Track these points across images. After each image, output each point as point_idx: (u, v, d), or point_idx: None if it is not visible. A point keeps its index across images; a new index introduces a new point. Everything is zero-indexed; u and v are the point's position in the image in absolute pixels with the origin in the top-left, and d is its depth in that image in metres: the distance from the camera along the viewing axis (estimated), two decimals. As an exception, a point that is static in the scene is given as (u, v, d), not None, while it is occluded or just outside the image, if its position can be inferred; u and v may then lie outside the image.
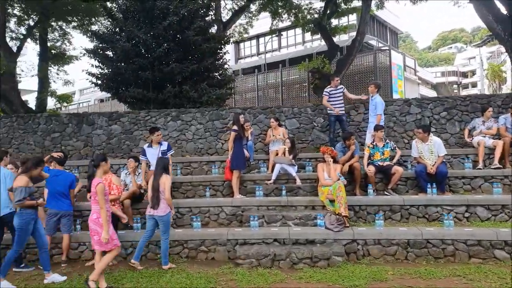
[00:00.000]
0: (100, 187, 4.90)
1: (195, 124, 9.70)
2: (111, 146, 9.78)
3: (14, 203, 5.21)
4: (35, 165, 5.50)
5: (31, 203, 5.32)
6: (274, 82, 25.06)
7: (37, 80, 17.74)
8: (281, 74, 24.44)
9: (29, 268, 6.08)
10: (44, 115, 10.20)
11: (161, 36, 11.61)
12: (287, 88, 24.38)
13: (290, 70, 24.47)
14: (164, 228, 5.81)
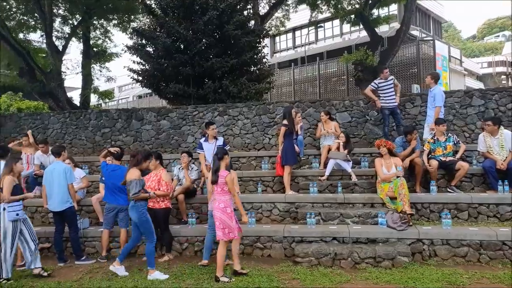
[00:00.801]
0: (229, 177, 5.15)
1: (242, 119, 9.59)
2: (160, 141, 9.85)
3: (131, 196, 5.25)
4: (145, 158, 5.59)
5: (145, 195, 5.39)
6: (311, 76, 24.64)
7: (81, 78, 18.25)
8: (318, 67, 23.97)
9: (91, 261, 6.17)
10: (94, 111, 10.43)
11: (200, 31, 11.60)
12: (325, 82, 23.89)
13: (328, 63, 23.97)
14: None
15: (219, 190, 5.21)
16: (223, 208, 5.15)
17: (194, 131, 9.71)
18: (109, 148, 6.60)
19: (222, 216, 5.12)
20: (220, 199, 5.20)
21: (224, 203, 5.17)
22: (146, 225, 5.40)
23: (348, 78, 21.79)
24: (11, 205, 5.30)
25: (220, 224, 5.11)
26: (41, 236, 6.69)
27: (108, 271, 5.62)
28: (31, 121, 10.34)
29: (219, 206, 5.18)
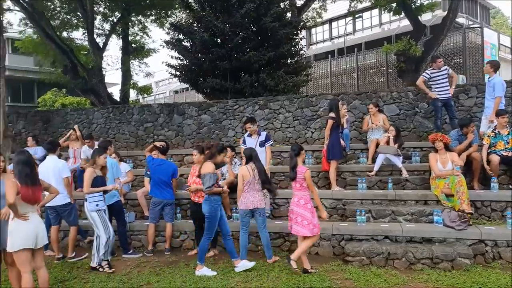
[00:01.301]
0: (308, 173, 5.08)
1: (283, 112, 9.38)
2: (201, 136, 9.82)
3: (204, 189, 5.21)
4: (219, 152, 5.51)
5: (218, 190, 5.32)
6: (348, 68, 23.98)
7: (120, 74, 18.63)
8: (356, 58, 23.27)
9: (137, 255, 6.20)
10: (137, 106, 10.55)
11: (238, 25, 11.47)
12: (363, 73, 23.19)
13: (366, 54, 23.22)
14: (262, 220, 5.55)
15: (298, 186, 5.14)
16: (304, 205, 5.08)
17: (235, 125, 9.60)
18: (155, 143, 6.60)
19: (304, 212, 5.06)
20: (300, 195, 5.14)
21: (304, 199, 5.10)
22: (213, 221, 5.28)
23: (387, 70, 21.02)
24: (91, 196, 5.39)
25: (303, 220, 5.04)
26: (88, 229, 6.82)
27: (156, 265, 5.63)
28: (77, 116, 10.60)
29: (299, 202, 5.11)
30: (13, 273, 4.30)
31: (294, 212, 5.13)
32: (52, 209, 5.99)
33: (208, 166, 5.27)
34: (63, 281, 5.07)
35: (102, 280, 5.04)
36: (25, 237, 3.90)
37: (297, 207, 5.12)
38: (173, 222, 6.45)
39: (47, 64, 19.79)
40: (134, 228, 6.74)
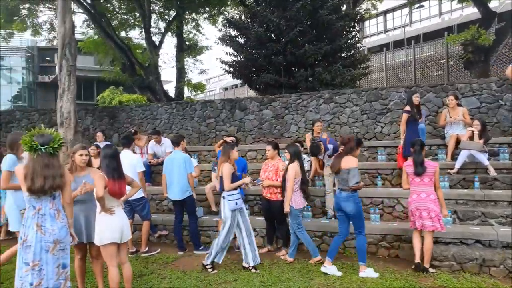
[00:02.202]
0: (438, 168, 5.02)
1: (350, 106, 8.96)
2: (263, 131, 9.65)
3: (350, 185, 4.88)
4: (357, 145, 5.35)
5: (360, 185, 5.02)
6: (404, 61, 22.85)
7: (175, 71, 18.94)
8: (413, 51, 22.11)
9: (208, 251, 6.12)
10: (200, 102, 10.57)
11: (293, 19, 11.29)
12: (420, 67, 22.00)
13: (425, 46, 21.98)
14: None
15: (428, 181, 4.97)
16: (435, 200, 4.92)
17: (298, 120, 9.33)
18: (225, 138, 6.49)
19: (435, 208, 4.88)
20: (429, 190, 4.97)
21: (433, 194, 4.95)
22: (361, 217, 5.01)
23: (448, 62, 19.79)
24: (231, 193, 5.07)
25: (436, 215, 4.87)
26: (158, 223, 6.87)
27: (230, 263, 5.51)
28: (141, 112, 10.82)
29: (430, 197, 4.93)
30: (97, 266, 4.33)
31: (430, 209, 4.88)
32: (127, 203, 6.05)
33: (352, 160, 5.00)
34: (140, 276, 5.07)
35: (179, 277, 4.98)
36: (112, 231, 3.88)
37: (431, 203, 4.89)
38: (243, 219, 6.31)
39: (107, 63, 20.61)
40: (203, 223, 6.69)
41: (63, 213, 3.55)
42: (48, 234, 3.40)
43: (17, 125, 10.96)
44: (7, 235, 7.28)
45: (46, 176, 3.37)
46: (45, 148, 3.43)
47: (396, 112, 8.46)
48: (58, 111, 9.65)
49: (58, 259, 3.44)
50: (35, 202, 3.46)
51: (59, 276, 3.46)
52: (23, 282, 3.37)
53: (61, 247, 3.46)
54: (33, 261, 3.36)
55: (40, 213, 3.44)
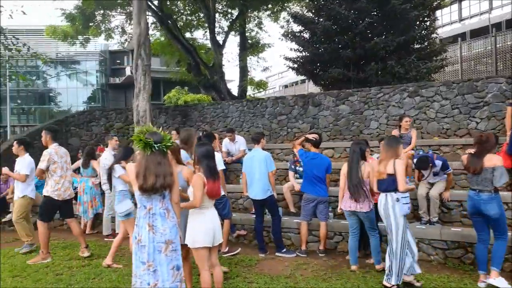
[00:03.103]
0: None
1: (439, 99, 8.17)
2: (338, 128, 9.15)
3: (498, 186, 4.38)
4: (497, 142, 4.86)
5: None
6: (483, 51, 20.90)
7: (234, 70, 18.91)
8: (494, 40, 20.12)
9: (292, 254, 5.79)
10: (271, 99, 10.31)
11: (362, 10, 10.76)
12: (502, 57, 19.96)
13: (508, 34, 19.92)
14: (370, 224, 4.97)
15: None
16: None
17: (378, 115, 8.70)
18: (307, 135, 6.10)
19: None
20: None
21: None
22: (504, 220, 4.49)
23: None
24: (405, 195, 4.42)
25: None
26: (236, 223, 6.66)
27: (317, 269, 5.13)
28: (213, 110, 10.79)
29: None
30: (185, 267, 4.15)
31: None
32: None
33: (496, 158, 4.46)
34: (226, 279, 4.84)
35: (266, 282, 4.69)
36: (205, 235, 3.68)
37: None
38: (327, 221, 5.90)
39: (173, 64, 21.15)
40: (283, 224, 6.32)
41: (172, 213, 3.44)
42: (159, 234, 3.31)
43: (96, 124, 11.44)
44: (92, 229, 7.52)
45: (158, 174, 3.27)
46: (159, 146, 3.33)
47: (495, 106, 7.54)
48: (134, 110, 9.88)
49: (171, 260, 3.33)
50: (146, 201, 3.37)
51: (175, 278, 3.35)
52: (141, 281, 3.30)
53: (173, 248, 3.36)
54: (148, 261, 3.29)
55: (151, 213, 3.36)
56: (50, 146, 5.79)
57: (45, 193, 5.73)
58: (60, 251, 6.18)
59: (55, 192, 5.68)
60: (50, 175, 5.70)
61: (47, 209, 5.81)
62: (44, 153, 5.68)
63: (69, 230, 7.81)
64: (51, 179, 5.71)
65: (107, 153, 7.04)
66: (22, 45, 10.52)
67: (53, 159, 5.68)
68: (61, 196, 5.75)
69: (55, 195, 5.67)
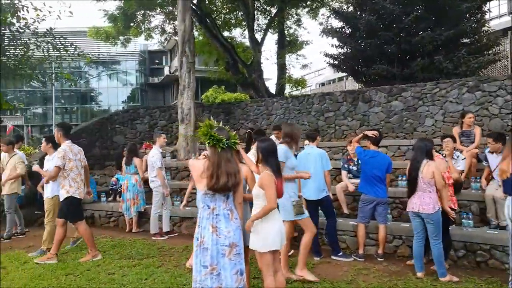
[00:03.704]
0: None
1: (503, 94, 7.55)
2: (391, 125, 8.67)
3: None
4: None
5: None
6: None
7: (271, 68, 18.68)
8: (554, 31, 18.70)
9: (348, 258, 5.44)
10: (317, 95, 9.95)
11: (408, 4, 10.37)
12: (560, 51, 18.50)
13: None
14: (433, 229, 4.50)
15: None
16: None
17: (434, 112, 8.17)
18: (366, 132, 5.72)
19: None
20: None
21: None
22: None
23: None
24: None
25: None
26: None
27: (379, 275, 4.77)
28: (256, 107, 10.57)
29: None
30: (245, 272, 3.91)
31: None
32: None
33: None
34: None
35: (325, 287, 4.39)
36: (274, 237, 3.42)
37: None
38: (387, 224, 5.51)
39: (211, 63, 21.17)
40: (337, 227, 6.01)
41: (236, 214, 3.23)
42: (223, 236, 3.11)
43: (140, 122, 11.51)
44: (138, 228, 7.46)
45: (229, 172, 3.09)
46: (228, 143, 3.16)
47: None
48: (179, 108, 9.82)
49: (235, 264, 3.12)
50: (210, 201, 3.18)
51: (239, 283, 3.13)
52: (202, 286, 3.11)
53: (237, 251, 3.15)
54: (211, 265, 3.09)
55: (215, 213, 3.16)
56: (63, 143, 5.50)
57: (65, 195, 5.39)
58: (110, 249, 6.11)
59: (76, 192, 5.42)
60: (67, 174, 5.38)
61: (76, 209, 5.55)
62: (59, 150, 5.42)
63: (116, 228, 7.95)
64: (67, 179, 5.38)
65: (155, 151, 6.97)
66: (69, 45, 10.71)
67: (68, 157, 5.39)
68: (82, 195, 5.55)
69: (77, 194, 5.43)
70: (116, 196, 8.75)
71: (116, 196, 8.73)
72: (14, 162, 7.06)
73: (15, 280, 4.74)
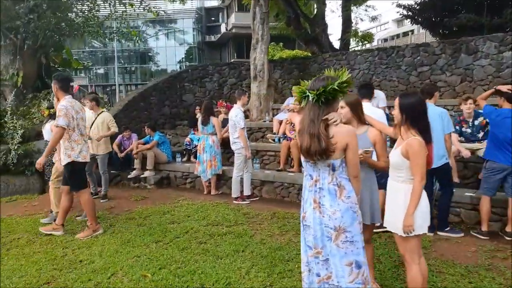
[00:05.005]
0: None
1: None
2: (501, 80, 7.39)
3: None
4: None
5: None
6: None
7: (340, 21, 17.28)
8: None
9: (458, 234, 4.66)
10: (410, 46, 8.73)
11: None
12: None
13: None
14: None
15: None
16: None
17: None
18: (498, 86, 4.70)
19: None
20: None
21: None
22: None
23: None
24: None
25: None
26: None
27: (510, 256, 3.95)
28: (336, 62, 9.60)
29: None
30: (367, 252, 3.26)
31: None
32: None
33: None
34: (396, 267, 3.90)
35: (463, 275, 3.61)
36: (424, 218, 2.72)
37: None
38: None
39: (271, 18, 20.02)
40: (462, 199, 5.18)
41: (348, 190, 2.45)
42: (327, 217, 2.43)
43: (209, 80, 10.98)
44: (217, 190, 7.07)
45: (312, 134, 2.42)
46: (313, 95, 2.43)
47: None
48: (251, 64, 9.13)
49: (346, 254, 2.42)
50: (312, 169, 2.52)
51: (355, 277, 2.43)
52: (309, 268, 2.54)
53: (348, 238, 2.42)
54: (315, 247, 2.48)
55: (317, 186, 2.48)
56: (63, 99, 4.66)
57: (67, 159, 4.64)
58: (193, 213, 5.75)
59: (79, 156, 4.68)
60: (68, 136, 4.62)
61: (78, 176, 4.78)
62: (59, 108, 4.54)
63: (193, 189, 7.66)
64: (69, 140, 4.63)
65: (238, 110, 6.38)
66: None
67: (71, 114, 4.59)
68: (86, 158, 4.81)
69: (80, 158, 4.69)
70: (190, 156, 8.45)
71: (191, 156, 8.43)
72: (103, 120, 6.81)
73: (105, 245, 4.49)
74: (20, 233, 5.09)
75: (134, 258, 4.09)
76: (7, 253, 4.36)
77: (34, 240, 4.75)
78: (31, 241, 4.73)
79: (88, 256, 4.19)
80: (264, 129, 8.51)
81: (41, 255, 4.23)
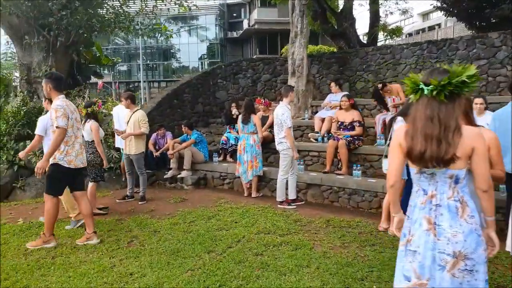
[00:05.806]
0: None
1: None
2: None
3: None
4: None
5: None
6: None
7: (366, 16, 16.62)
8: None
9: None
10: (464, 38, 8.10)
11: None
12: None
13: None
14: None
15: None
16: None
17: None
18: None
19: None
20: None
21: None
22: None
23: None
24: None
25: None
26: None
27: None
28: (380, 56, 9.06)
29: None
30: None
31: None
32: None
33: None
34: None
35: None
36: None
37: None
38: None
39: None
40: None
41: (471, 208, 2.01)
42: (445, 240, 1.98)
43: (243, 76, 10.58)
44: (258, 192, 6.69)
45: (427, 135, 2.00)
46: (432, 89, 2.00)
47: None
48: (289, 58, 8.69)
49: (460, 284, 1.96)
50: (426, 182, 2.08)
51: None
52: None
53: (468, 267, 1.96)
54: (418, 277, 2.03)
55: (434, 203, 2.03)
56: (57, 98, 4.39)
57: (51, 160, 4.35)
58: (240, 219, 5.38)
59: (64, 158, 4.34)
60: None
61: (55, 180, 4.43)
62: (56, 108, 4.27)
63: (231, 190, 7.30)
64: None
65: (284, 108, 5.96)
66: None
67: (67, 114, 4.31)
68: (73, 163, 4.40)
69: (65, 162, 4.35)
70: (226, 156, 8.11)
71: (227, 156, 8.09)
72: (137, 119, 6.47)
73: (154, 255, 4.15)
74: (63, 238, 4.82)
75: (189, 272, 3.73)
76: (53, 261, 4.07)
77: (79, 247, 4.45)
78: (75, 248, 4.44)
79: (138, 268, 3.85)
80: (303, 128, 8.08)
81: (88, 266, 3.92)
